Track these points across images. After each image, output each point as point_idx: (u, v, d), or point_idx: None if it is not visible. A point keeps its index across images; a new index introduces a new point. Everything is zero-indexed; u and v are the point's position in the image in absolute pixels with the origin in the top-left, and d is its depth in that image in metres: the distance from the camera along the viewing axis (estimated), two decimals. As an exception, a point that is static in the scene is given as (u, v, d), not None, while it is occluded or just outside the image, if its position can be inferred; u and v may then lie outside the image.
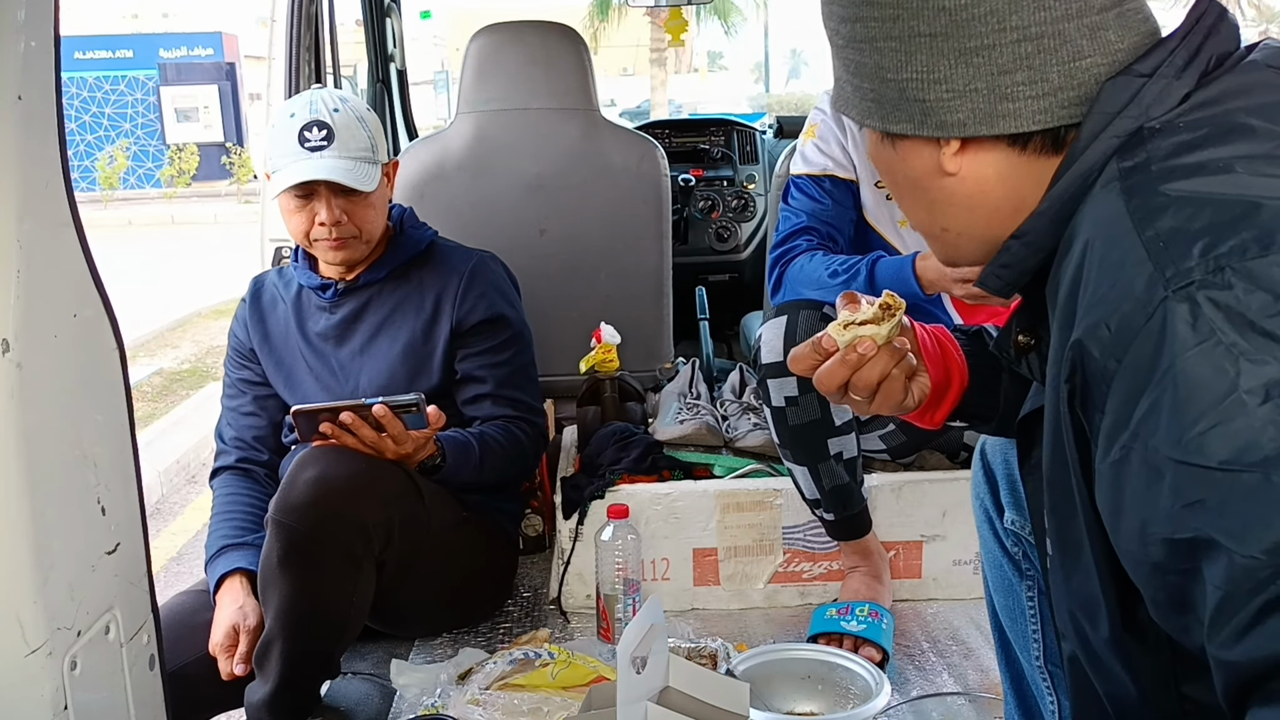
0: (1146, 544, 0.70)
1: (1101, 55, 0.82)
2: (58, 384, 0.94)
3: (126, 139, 17.01)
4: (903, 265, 1.75)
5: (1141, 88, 0.80)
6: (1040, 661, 1.33)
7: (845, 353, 1.02)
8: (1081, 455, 0.78)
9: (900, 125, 0.88)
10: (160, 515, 4.01)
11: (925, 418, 1.11)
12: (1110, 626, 0.81)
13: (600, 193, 2.51)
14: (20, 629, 0.90)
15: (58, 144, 0.93)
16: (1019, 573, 1.32)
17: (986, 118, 0.84)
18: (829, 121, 1.93)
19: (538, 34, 2.51)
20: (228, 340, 1.99)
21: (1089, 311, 0.74)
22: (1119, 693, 0.83)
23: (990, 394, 1.11)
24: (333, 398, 1.81)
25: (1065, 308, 0.78)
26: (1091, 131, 0.81)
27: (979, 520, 1.38)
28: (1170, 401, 0.66)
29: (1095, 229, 0.77)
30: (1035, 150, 0.85)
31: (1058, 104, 0.83)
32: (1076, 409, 0.76)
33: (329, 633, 1.61)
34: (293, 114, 1.76)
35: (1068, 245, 0.81)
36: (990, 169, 0.87)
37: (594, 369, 2.23)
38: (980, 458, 1.37)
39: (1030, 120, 0.83)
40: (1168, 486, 0.67)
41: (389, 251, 1.89)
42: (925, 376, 1.09)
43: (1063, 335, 0.78)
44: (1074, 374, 0.75)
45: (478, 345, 1.86)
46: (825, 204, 1.91)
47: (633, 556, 1.80)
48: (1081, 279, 0.76)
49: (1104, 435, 0.72)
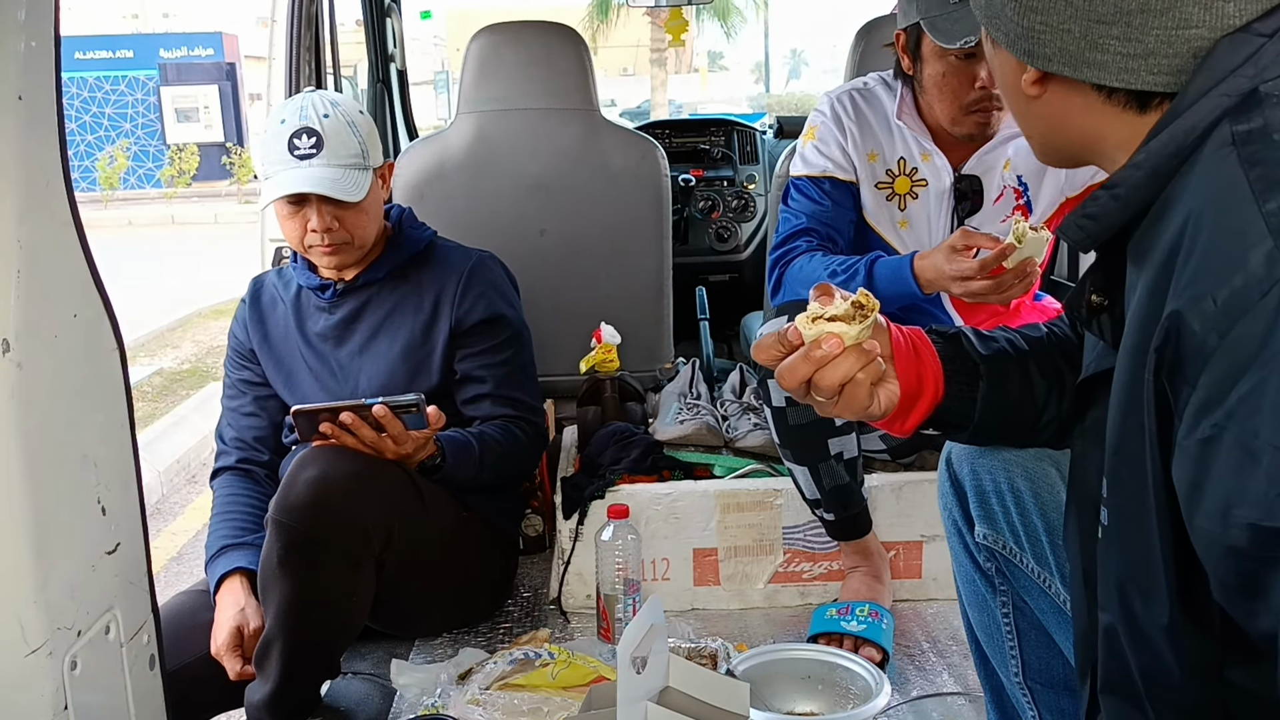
0: (1228, 526, 0.67)
1: (1211, 28, 0.77)
2: (58, 384, 0.94)
3: (127, 139, 17.02)
4: (901, 265, 1.75)
5: (1260, 48, 0.75)
6: (1020, 678, 1.31)
7: (809, 348, 0.97)
8: (1160, 426, 0.74)
9: (996, 33, 0.87)
10: (160, 515, 4.01)
11: (894, 426, 1.06)
12: (1166, 603, 0.77)
13: (600, 193, 2.51)
14: (21, 629, 0.90)
15: (58, 144, 0.94)
16: (992, 588, 1.30)
17: (1072, 60, 0.81)
18: (828, 123, 1.94)
19: (538, 34, 2.52)
20: (228, 341, 1.99)
21: (1193, 282, 0.70)
22: (1158, 671, 0.80)
23: (965, 402, 1.07)
24: (332, 398, 1.80)
25: (1160, 273, 0.74)
26: (1200, 87, 0.76)
27: (949, 533, 1.35)
28: (1277, 385, 0.63)
29: (1206, 195, 0.73)
30: (1120, 104, 0.82)
31: (1147, 68, 0.79)
32: (1163, 379, 0.73)
33: (329, 633, 1.61)
34: (283, 120, 1.75)
35: (1165, 207, 0.77)
36: (1073, 104, 0.84)
37: (594, 369, 2.23)
38: (946, 467, 1.33)
39: (1115, 77, 0.80)
40: (1264, 472, 0.64)
41: (387, 252, 1.88)
42: (894, 384, 1.04)
43: (1153, 302, 0.74)
44: (1166, 344, 0.71)
45: (477, 345, 1.86)
46: (825, 205, 1.91)
47: (633, 556, 1.80)
48: (1182, 245, 0.72)
49: (1192, 410, 0.69)
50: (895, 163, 1.92)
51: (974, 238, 1.66)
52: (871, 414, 1.02)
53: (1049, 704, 1.30)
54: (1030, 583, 1.25)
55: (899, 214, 1.93)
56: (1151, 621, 0.79)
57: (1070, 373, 1.08)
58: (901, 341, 1.05)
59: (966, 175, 1.89)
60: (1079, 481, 0.96)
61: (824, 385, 0.97)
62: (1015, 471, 1.24)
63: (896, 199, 1.93)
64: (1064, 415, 1.08)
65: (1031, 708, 1.30)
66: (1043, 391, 1.08)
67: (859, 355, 0.97)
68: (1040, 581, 1.23)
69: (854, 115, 1.93)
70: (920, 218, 1.92)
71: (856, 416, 1.02)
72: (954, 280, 1.66)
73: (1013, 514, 1.24)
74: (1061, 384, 1.09)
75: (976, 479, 1.27)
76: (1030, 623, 1.29)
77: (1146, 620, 0.80)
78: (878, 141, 1.92)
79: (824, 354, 0.96)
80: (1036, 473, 1.23)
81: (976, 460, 1.27)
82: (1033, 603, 1.27)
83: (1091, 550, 0.89)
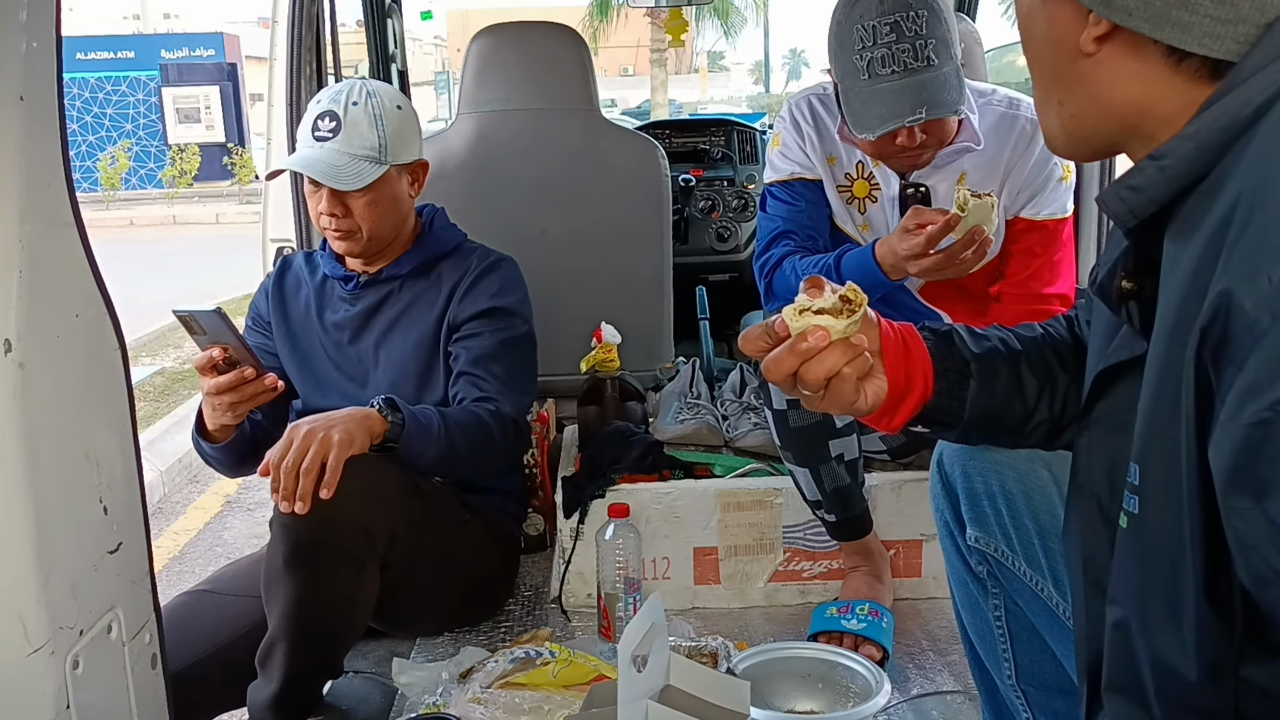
0: (1268, 512, 0.65)
1: None
2: (60, 384, 0.94)
3: (128, 139, 17.03)
4: (865, 254, 1.76)
5: None
6: (1013, 680, 1.31)
7: (795, 341, 0.95)
8: (1199, 407, 0.71)
9: None
10: (162, 515, 4.01)
11: (881, 422, 1.04)
12: (1192, 593, 0.75)
13: (601, 193, 2.51)
14: (23, 628, 0.90)
15: (59, 144, 0.94)
16: (984, 591, 1.30)
17: (1155, 17, 0.75)
18: (789, 129, 1.96)
19: (538, 35, 2.52)
20: (248, 310, 2.01)
21: (1247, 259, 0.67)
22: (1172, 667, 0.78)
23: (955, 400, 1.05)
24: (353, 387, 1.85)
25: (1207, 249, 0.71)
26: (1259, 61, 0.73)
27: (941, 535, 1.35)
28: None
29: (1265, 170, 0.69)
30: (1189, 72, 0.77)
31: (1234, 36, 0.74)
32: (1205, 358, 0.70)
33: (333, 634, 1.61)
34: (319, 100, 1.80)
35: (1218, 182, 0.73)
36: (1131, 66, 0.79)
37: (594, 369, 2.23)
38: (937, 469, 1.32)
39: (1198, 41, 0.75)
40: None
41: (414, 249, 1.89)
42: (882, 379, 1.01)
43: (1199, 279, 0.71)
44: (1213, 322, 0.68)
45: (468, 330, 1.84)
46: (799, 206, 1.93)
47: (633, 555, 1.81)
48: (1234, 220, 0.69)
49: (1237, 392, 0.66)
50: (854, 166, 1.93)
51: (924, 214, 1.67)
52: (858, 409, 1.00)
53: (1042, 706, 1.30)
54: (1022, 585, 1.24)
55: (860, 217, 1.94)
56: (1173, 613, 0.77)
57: (1064, 374, 1.07)
58: (892, 337, 1.03)
59: (915, 182, 1.89)
60: (1083, 475, 0.93)
61: (810, 379, 0.95)
62: (1007, 474, 1.23)
63: (856, 202, 1.94)
64: (1056, 416, 1.07)
65: (1025, 710, 1.30)
66: (1034, 392, 1.07)
67: (846, 349, 0.96)
68: (1032, 584, 1.22)
69: (812, 121, 1.94)
70: (879, 220, 1.92)
71: (843, 411, 1.00)
72: (908, 260, 1.67)
73: (1004, 517, 1.23)
74: (1054, 385, 1.07)
75: (968, 481, 1.26)
76: (1022, 625, 1.28)
77: (1167, 612, 0.78)
78: (835, 146, 1.93)
79: (810, 347, 0.94)
80: (1028, 475, 1.22)
81: (968, 462, 1.27)
82: (1025, 605, 1.26)
83: (1096, 544, 0.88)
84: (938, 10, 1.67)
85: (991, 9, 13.95)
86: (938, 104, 1.66)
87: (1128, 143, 0.84)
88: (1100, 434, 0.89)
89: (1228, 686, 0.76)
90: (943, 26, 1.67)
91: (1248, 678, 0.75)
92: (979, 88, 1.89)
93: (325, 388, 1.88)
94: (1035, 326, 1.12)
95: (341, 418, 1.57)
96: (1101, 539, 0.87)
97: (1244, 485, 0.67)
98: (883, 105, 1.67)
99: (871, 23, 1.66)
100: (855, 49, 1.68)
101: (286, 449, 1.50)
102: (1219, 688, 0.76)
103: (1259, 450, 0.65)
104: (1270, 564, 0.67)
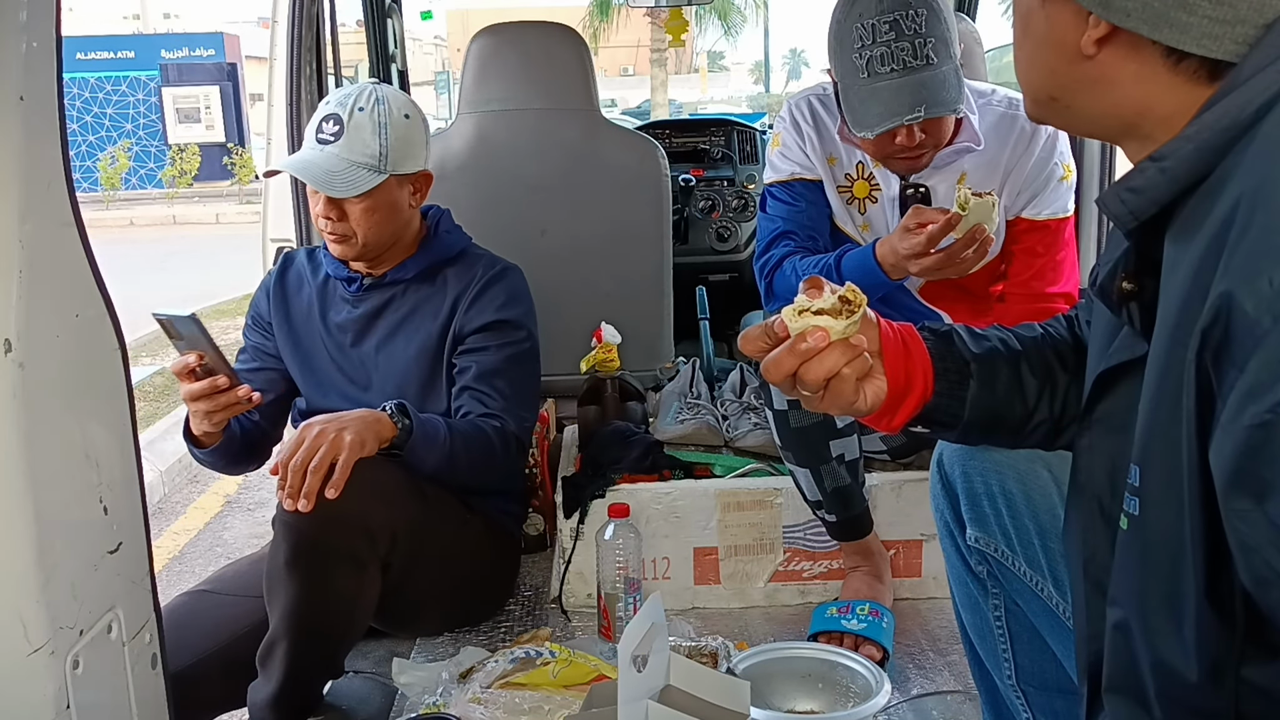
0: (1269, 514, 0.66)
1: None
2: (60, 384, 0.94)
3: (128, 139, 17.02)
4: (865, 254, 1.76)
5: None
6: (1013, 680, 1.31)
7: (794, 341, 0.95)
8: (1200, 409, 0.71)
9: None
10: (162, 515, 4.01)
11: (881, 422, 1.04)
12: (1193, 594, 0.75)
13: (601, 193, 2.51)
14: (23, 628, 0.90)
15: (59, 144, 0.94)
16: (984, 591, 1.30)
17: (1153, 18, 0.76)
18: (789, 129, 1.96)
19: (538, 35, 2.52)
20: (249, 308, 2.01)
21: (1249, 261, 0.67)
22: (1173, 667, 0.78)
23: (955, 400, 1.05)
24: (354, 389, 1.84)
25: (1208, 251, 0.71)
26: (1259, 62, 0.73)
27: (941, 535, 1.34)
28: None
29: (1266, 171, 0.69)
30: (1187, 73, 0.77)
31: (1233, 37, 0.74)
32: (1206, 360, 0.70)
33: (334, 635, 1.62)
34: (329, 101, 1.79)
35: (1219, 183, 0.73)
36: (1130, 67, 0.79)
37: (594, 369, 2.23)
38: (937, 469, 1.32)
39: (1196, 42, 0.75)
40: None
41: (418, 253, 1.88)
42: (882, 380, 1.01)
43: (1199, 281, 0.71)
44: (1215, 324, 0.68)
45: (473, 343, 1.84)
46: (799, 206, 1.93)
47: (633, 555, 1.81)
48: (1235, 221, 0.69)
49: (1238, 395, 0.66)
50: (854, 167, 1.93)
51: (925, 214, 1.67)
52: (858, 409, 1.00)
53: (1042, 706, 1.30)
54: (1022, 585, 1.24)
55: (860, 217, 1.94)
56: (1174, 615, 0.77)
57: (1064, 374, 1.07)
58: (891, 337, 1.03)
59: (915, 183, 1.89)
60: (1084, 475, 0.93)
61: (809, 379, 0.95)
62: (1007, 474, 1.23)
63: (856, 202, 1.93)
64: (1056, 416, 1.07)
65: (1025, 710, 1.30)
66: (1034, 392, 1.07)
67: (845, 349, 0.96)
68: (1032, 584, 1.22)
69: (811, 121, 1.94)
70: (879, 221, 1.92)
71: (843, 412, 1.00)
72: (909, 259, 1.67)
73: (1004, 517, 1.23)
74: (1054, 385, 1.07)
75: (968, 481, 1.26)
76: (1022, 625, 1.28)
77: (1168, 614, 0.78)
78: (835, 146, 1.93)
79: (809, 347, 0.94)
80: (1028, 475, 1.22)
81: (968, 462, 1.27)
82: (1025, 605, 1.26)
83: (1097, 545, 0.88)
84: (937, 9, 1.67)
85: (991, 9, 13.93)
86: (937, 102, 1.66)
87: (1125, 143, 0.85)
88: (1101, 435, 0.89)
89: (1228, 687, 0.76)
90: (942, 25, 1.67)
91: (1248, 679, 0.75)
92: (979, 88, 1.89)
93: (326, 388, 1.88)
94: (1035, 326, 1.12)
95: (353, 419, 1.58)
96: (1102, 540, 0.87)
97: (1245, 487, 0.67)
98: (882, 103, 1.67)
99: (871, 21, 1.66)
100: (854, 47, 1.68)
101: (297, 447, 1.51)
102: (1220, 689, 0.76)
103: (1260, 452, 0.65)
104: (1271, 565, 0.67)
